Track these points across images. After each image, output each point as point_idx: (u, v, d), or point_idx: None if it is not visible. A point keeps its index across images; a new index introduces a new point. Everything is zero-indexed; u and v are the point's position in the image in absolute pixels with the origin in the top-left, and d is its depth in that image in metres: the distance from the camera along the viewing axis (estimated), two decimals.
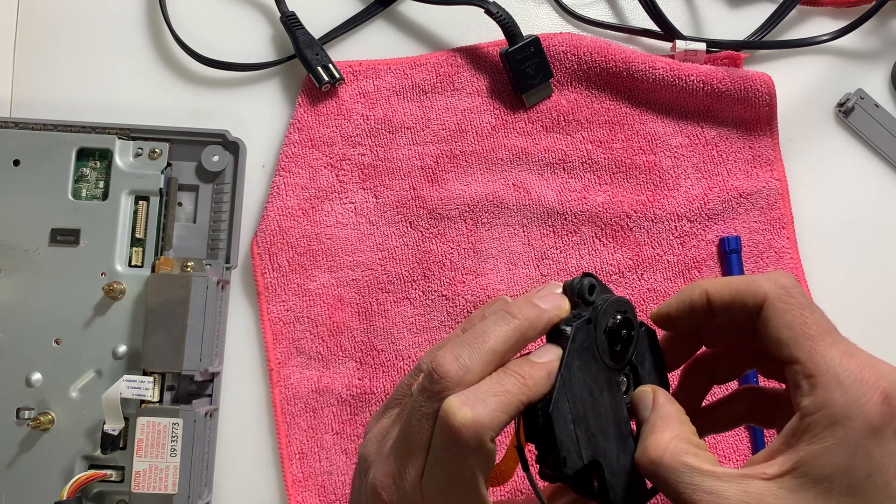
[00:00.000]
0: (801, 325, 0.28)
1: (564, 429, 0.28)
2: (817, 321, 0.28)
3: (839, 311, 0.50)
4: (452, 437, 0.27)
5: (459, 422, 0.26)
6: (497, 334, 0.29)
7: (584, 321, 0.29)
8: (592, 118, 0.51)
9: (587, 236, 0.50)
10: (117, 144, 0.49)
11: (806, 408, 0.26)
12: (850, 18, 0.51)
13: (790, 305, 0.28)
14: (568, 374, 0.28)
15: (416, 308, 0.49)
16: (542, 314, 0.29)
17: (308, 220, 0.49)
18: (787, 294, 0.28)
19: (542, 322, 0.29)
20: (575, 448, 0.28)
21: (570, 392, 0.28)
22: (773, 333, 0.28)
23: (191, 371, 0.45)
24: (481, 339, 0.28)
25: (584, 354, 0.29)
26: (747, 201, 0.50)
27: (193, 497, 0.45)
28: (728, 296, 0.30)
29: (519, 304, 0.30)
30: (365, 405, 0.48)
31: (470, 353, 0.28)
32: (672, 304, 0.31)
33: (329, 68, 0.49)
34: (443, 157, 0.50)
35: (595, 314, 0.30)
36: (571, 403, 0.28)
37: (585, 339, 0.29)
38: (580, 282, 0.30)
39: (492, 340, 0.28)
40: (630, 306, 0.31)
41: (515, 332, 0.29)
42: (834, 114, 0.52)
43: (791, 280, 0.29)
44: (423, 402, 0.28)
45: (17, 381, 0.47)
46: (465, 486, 0.27)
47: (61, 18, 0.53)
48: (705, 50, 0.50)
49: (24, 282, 0.47)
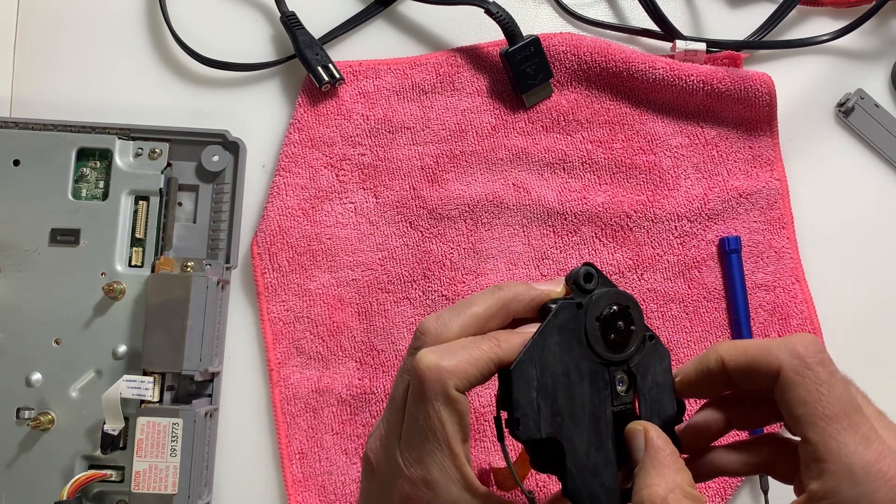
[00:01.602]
0: (815, 403, 0.26)
1: (525, 393, 0.28)
2: (836, 399, 0.26)
3: (839, 311, 0.50)
4: (418, 383, 0.27)
5: (424, 366, 0.27)
6: (480, 300, 0.30)
7: (573, 303, 0.30)
8: (592, 118, 0.51)
9: (587, 236, 0.50)
10: (117, 144, 0.49)
11: (813, 492, 0.25)
12: (850, 18, 0.51)
13: (806, 379, 0.26)
14: (541, 342, 0.29)
15: (416, 308, 0.49)
16: (528, 290, 0.30)
17: (308, 220, 0.49)
18: (804, 366, 0.27)
19: (527, 297, 0.30)
20: (533, 416, 0.28)
21: (541, 361, 0.28)
22: (786, 408, 0.27)
23: (191, 371, 0.45)
24: (465, 304, 0.30)
25: (567, 334, 0.29)
26: (747, 201, 0.50)
27: (193, 497, 0.45)
28: (743, 363, 0.28)
29: (511, 282, 0.31)
30: (365, 405, 0.48)
31: (451, 314, 0.29)
32: (691, 371, 0.31)
33: (329, 68, 0.49)
34: (443, 157, 0.50)
35: (588, 301, 0.30)
36: (539, 372, 0.28)
37: (571, 320, 0.29)
38: (578, 269, 0.30)
39: (474, 305, 0.29)
40: (633, 303, 0.31)
41: (498, 301, 0.30)
42: (834, 114, 0.52)
43: (810, 347, 0.27)
44: (406, 360, 0.29)
45: (17, 381, 0.47)
46: (437, 442, 0.27)
47: (61, 18, 0.53)
48: (705, 50, 0.50)
49: (24, 282, 0.47)
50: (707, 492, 0.47)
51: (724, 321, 0.49)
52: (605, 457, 0.29)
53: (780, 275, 0.49)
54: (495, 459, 0.47)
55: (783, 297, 0.49)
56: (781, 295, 0.49)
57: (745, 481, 0.48)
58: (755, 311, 0.49)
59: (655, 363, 0.31)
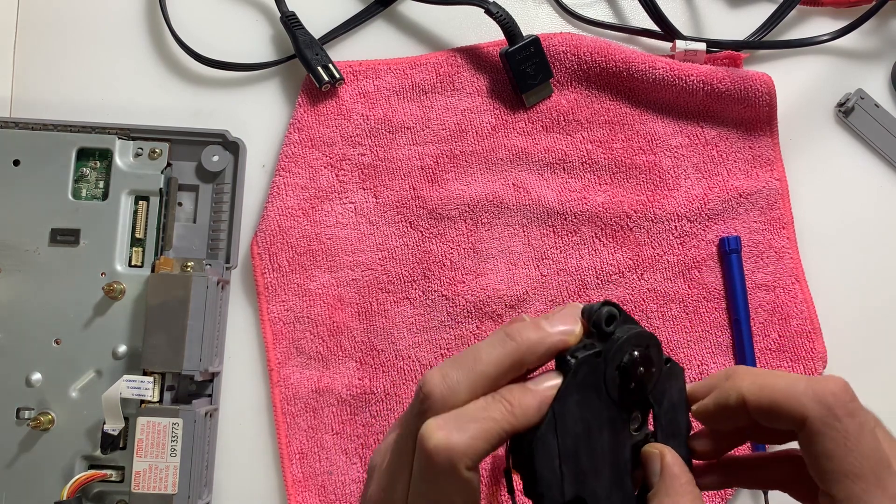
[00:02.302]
0: (842, 458, 0.24)
1: (547, 464, 0.26)
2: (865, 455, 0.24)
3: (839, 311, 0.50)
4: (426, 462, 0.25)
5: (433, 445, 0.25)
6: (490, 356, 0.26)
7: (593, 354, 0.27)
8: (592, 118, 0.51)
9: (587, 236, 0.50)
10: (117, 144, 0.49)
11: None
12: (850, 18, 0.51)
13: (833, 431, 0.25)
14: (562, 408, 0.26)
15: (416, 308, 0.49)
16: (543, 339, 0.27)
17: (308, 220, 0.49)
18: (832, 417, 0.25)
19: (542, 348, 0.27)
20: (557, 485, 0.26)
21: (562, 427, 0.26)
22: (811, 458, 0.25)
23: (191, 371, 0.45)
24: (473, 359, 0.26)
25: (587, 390, 0.27)
26: (747, 201, 0.50)
27: (193, 497, 0.45)
28: (767, 405, 0.27)
29: (522, 327, 0.27)
30: (365, 405, 0.48)
31: (458, 374, 0.26)
32: (709, 405, 0.29)
33: (329, 68, 0.49)
34: (443, 157, 0.50)
35: (609, 348, 0.27)
36: (561, 439, 0.26)
37: (591, 374, 0.27)
38: (598, 310, 0.27)
39: (483, 363, 0.26)
40: (654, 341, 0.28)
41: (510, 356, 0.26)
42: (834, 114, 0.52)
43: (840, 396, 0.25)
44: (411, 420, 0.27)
45: (17, 381, 0.47)
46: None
47: (61, 18, 0.53)
48: (705, 50, 0.50)
49: (24, 282, 0.47)
50: (707, 492, 0.47)
51: (724, 321, 0.49)
52: (624, 492, 0.28)
53: (780, 275, 0.49)
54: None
55: (783, 297, 0.49)
56: (781, 295, 0.49)
57: None
58: (755, 311, 0.49)
59: (671, 385, 0.30)
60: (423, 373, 0.48)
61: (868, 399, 0.54)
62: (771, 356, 0.49)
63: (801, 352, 0.49)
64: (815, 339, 0.49)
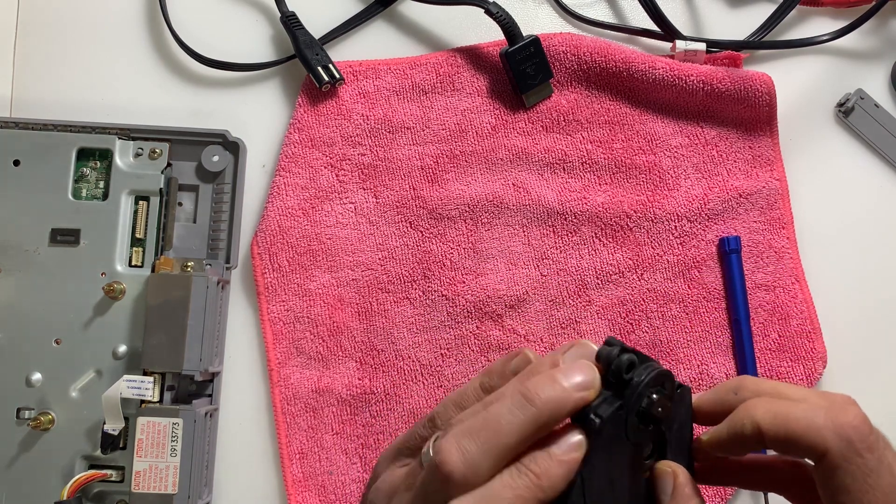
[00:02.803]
0: (861, 494, 0.24)
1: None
2: (884, 492, 0.24)
3: (839, 311, 0.50)
4: None
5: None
6: (511, 426, 0.25)
7: (616, 409, 0.26)
8: (592, 118, 0.51)
9: (587, 236, 0.50)
10: (117, 144, 0.49)
11: None
12: (850, 18, 0.51)
13: (853, 466, 0.24)
14: (589, 472, 0.25)
15: (416, 308, 0.49)
16: (566, 400, 0.25)
17: (308, 220, 0.49)
18: (853, 452, 0.25)
19: (565, 410, 0.25)
20: None
21: (590, 488, 0.25)
22: (828, 492, 0.25)
23: (191, 371, 0.45)
24: (493, 430, 0.25)
25: (611, 443, 0.26)
26: (747, 201, 0.50)
27: (193, 497, 0.45)
28: (783, 436, 0.26)
29: (539, 385, 0.25)
30: (365, 405, 0.48)
31: (477, 448, 0.24)
32: (722, 433, 0.28)
33: (329, 68, 0.49)
34: (443, 157, 0.50)
35: (629, 395, 0.26)
36: (588, 499, 0.25)
37: (614, 428, 0.26)
38: (617, 359, 0.26)
39: (504, 434, 0.24)
40: (669, 378, 0.27)
41: (532, 424, 0.25)
42: (834, 114, 0.52)
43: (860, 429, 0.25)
44: (427, 496, 0.25)
45: (17, 381, 0.47)
46: None
47: (61, 18, 0.53)
48: (705, 50, 0.50)
49: (24, 282, 0.47)
50: (707, 492, 0.47)
51: (724, 321, 0.49)
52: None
53: (780, 275, 0.49)
54: None
55: (783, 297, 0.49)
56: (781, 295, 0.49)
57: None
58: (755, 311, 0.49)
59: (680, 407, 0.29)
60: (423, 373, 0.48)
61: (868, 399, 0.54)
62: (771, 356, 0.49)
63: (801, 352, 0.49)
64: (815, 339, 0.49)
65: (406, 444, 0.29)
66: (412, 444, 0.29)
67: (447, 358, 0.48)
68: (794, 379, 0.48)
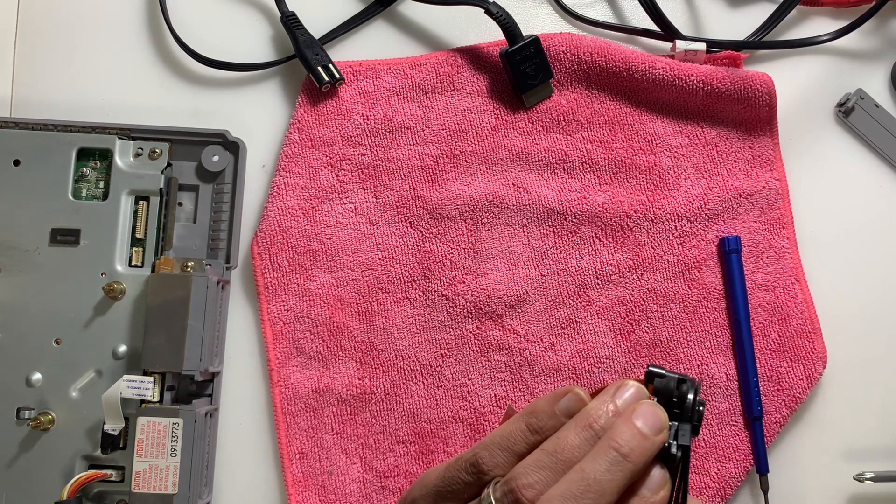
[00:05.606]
0: None
1: None
2: None
3: (839, 311, 0.50)
4: None
5: None
6: (612, 485, 0.26)
7: (690, 432, 0.28)
8: (592, 118, 0.51)
9: (587, 236, 0.50)
10: (117, 144, 0.49)
11: None
12: (850, 18, 0.51)
13: None
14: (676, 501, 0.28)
15: (416, 308, 0.49)
16: (653, 448, 0.27)
17: (308, 220, 0.49)
18: None
19: (652, 455, 0.27)
20: None
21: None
22: None
23: (191, 371, 0.45)
24: (597, 492, 0.26)
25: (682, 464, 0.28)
26: (747, 201, 0.50)
27: (193, 497, 0.45)
28: None
29: (630, 439, 0.26)
30: (365, 405, 0.48)
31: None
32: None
33: (329, 68, 0.49)
34: (443, 157, 0.50)
35: (690, 415, 0.28)
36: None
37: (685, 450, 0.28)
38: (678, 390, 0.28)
39: (608, 494, 0.26)
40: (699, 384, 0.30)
41: (630, 478, 0.26)
42: (834, 114, 0.52)
43: None
44: None
45: (17, 381, 0.47)
46: None
47: (61, 18, 0.53)
48: (705, 50, 0.50)
49: (24, 282, 0.47)
50: (707, 491, 0.47)
51: (724, 321, 0.49)
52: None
53: (780, 275, 0.49)
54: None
55: (783, 297, 0.49)
56: (781, 295, 0.49)
57: (745, 481, 0.48)
58: (755, 311, 0.49)
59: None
60: (423, 373, 0.48)
61: (868, 399, 0.54)
62: (771, 356, 0.49)
63: (801, 352, 0.49)
64: (815, 339, 0.49)
65: (447, 488, 0.29)
66: (454, 488, 0.29)
67: (447, 358, 0.48)
68: (794, 379, 0.48)
